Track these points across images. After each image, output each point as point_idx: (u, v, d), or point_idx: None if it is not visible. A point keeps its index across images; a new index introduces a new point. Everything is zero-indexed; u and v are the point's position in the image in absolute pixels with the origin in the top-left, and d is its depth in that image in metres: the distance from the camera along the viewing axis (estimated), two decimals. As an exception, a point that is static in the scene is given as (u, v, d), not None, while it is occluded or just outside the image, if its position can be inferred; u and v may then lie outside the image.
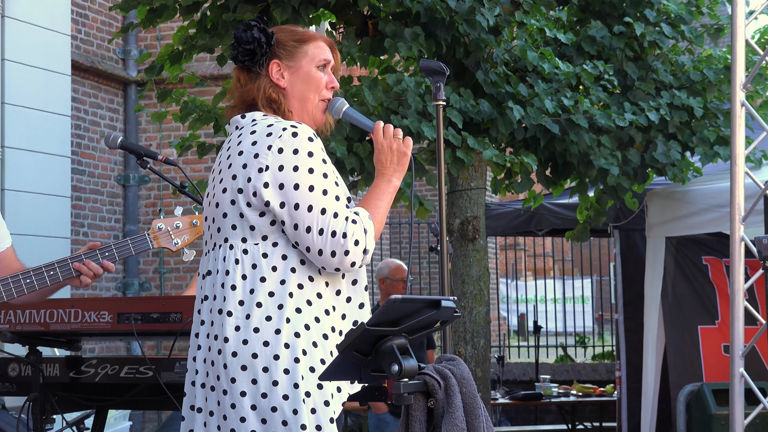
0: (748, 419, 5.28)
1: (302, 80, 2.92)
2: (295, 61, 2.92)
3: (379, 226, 2.79)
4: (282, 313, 2.69)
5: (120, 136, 3.99)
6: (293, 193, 2.70)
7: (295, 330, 2.69)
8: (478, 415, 2.52)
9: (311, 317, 2.72)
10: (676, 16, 7.02)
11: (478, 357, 6.81)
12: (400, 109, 6.15)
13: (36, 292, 3.28)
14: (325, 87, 2.95)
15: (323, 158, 2.76)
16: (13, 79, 7.11)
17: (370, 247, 2.74)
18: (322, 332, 2.72)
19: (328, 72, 2.97)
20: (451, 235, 6.81)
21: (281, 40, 2.94)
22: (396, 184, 2.88)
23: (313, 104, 2.94)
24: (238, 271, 2.74)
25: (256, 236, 2.75)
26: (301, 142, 2.74)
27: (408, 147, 2.89)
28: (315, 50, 2.95)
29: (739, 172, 5.25)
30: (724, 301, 7.74)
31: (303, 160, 2.72)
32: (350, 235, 2.69)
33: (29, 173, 7.23)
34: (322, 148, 2.79)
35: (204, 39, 6.62)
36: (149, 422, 10.53)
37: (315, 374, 2.68)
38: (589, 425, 10.24)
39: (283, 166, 2.71)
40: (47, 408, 3.88)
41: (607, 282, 16.62)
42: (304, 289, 2.73)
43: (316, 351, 2.70)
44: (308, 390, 2.68)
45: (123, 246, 3.32)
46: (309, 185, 2.71)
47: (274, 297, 2.71)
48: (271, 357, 2.67)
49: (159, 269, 10.75)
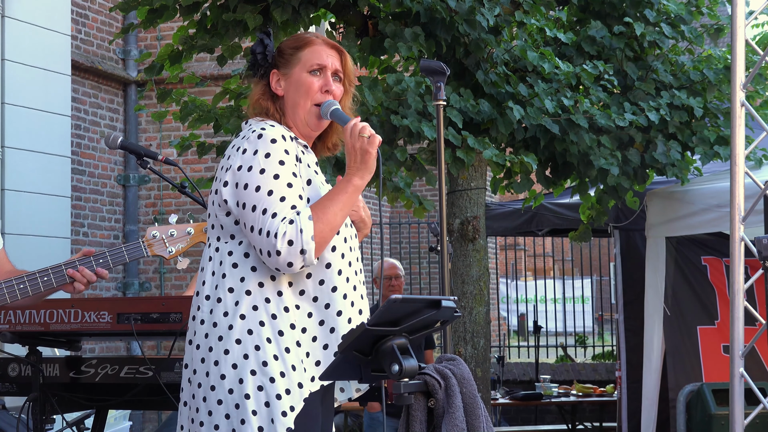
0: (748, 419, 5.28)
1: (293, 87, 2.95)
2: (289, 68, 2.96)
3: (324, 226, 2.75)
4: (237, 309, 2.76)
5: (120, 136, 3.99)
6: (243, 193, 2.77)
7: (248, 327, 2.75)
8: (478, 415, 2.52)
9: (268, 314, 2.76)
10: (676, 16, 7.02)
11: (478, 357, 6.81)
12: (400, 109, 6.15)
13: (29, 297, 3.29)
14: (319, 90, 2.94)
15: (281, 159, 2.78)
16: (13, 79, 7.11)
17: (308, 248, 2.72)
18: (278, 329, 2.75)
19: (326, 76, 2.96)
20: (451, 235, 6.81)
21: (282, 48, 3.00)
22: (358, 183, 2.84)
23: (304, 110, 2.94)
24: (208, 268, 2.85)
25: (226, 235, 2.85)
26: (263, 143, 2.79)
27: (372, 145, 2.83)
28: (309, 55, 2.96)
29: (739, 172, 5.24)
30: (723, 302, 7.74)
31: (258, 160, 2.77)
32: (281, 236, 2.70)
33: (29, 173, 7.23)
34: (287, 150, 2.80)
35: (204, 39, 6.61)
36: (149, 422, 10.53)
37: (267, 368, 2.72)
38: (589, 425, 10.24)
39: (241, 166, 2.79)
40: (47, 408, 3.89)
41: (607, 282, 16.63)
42: (265, 287, 2.77)
43: (269, 346, 2.73)
44: (260, 384, 2.72)
45: (117, 253, 3.32)
46: (256, 185, 2.75)
47: (233, 293, 2.78)
48: (222, 352, 2.75)
49: (159, 269, 10.75)
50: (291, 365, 2.74)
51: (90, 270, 3.25)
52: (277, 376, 2.72)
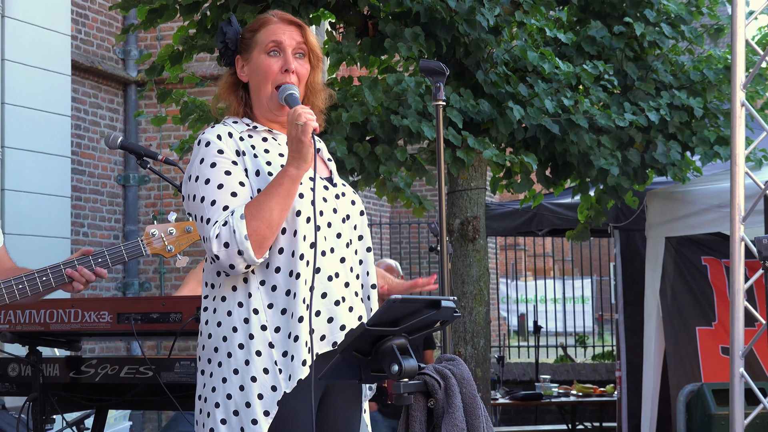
0: (748, 419, 5.28)
1: (254, 71, 2.83)
2: (249, 52, 2.84)
3: (260, 223, 2.63)
4: (215, 317, 2.75)
5: (120, 136, 3.99)
6: (190, 204, 2.78)
7: (223, 334, 2.73)
8: (478, 415, 2.52)
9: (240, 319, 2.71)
10: (676, 16, 7.02)
11: (478, 357, 6.81)
12: (400, 109, 6.15)
13: (28, 297, 3.29)
14: (279, 71, 2.80)
15: (213, 162, 2.73)
16: (13, 79, 7.11)
17: (243, 247, 2.64)
18: (249, 332, 2.70)
19: (285, 55, 2.80)
20: (451, 235, 6.81)
21: (243, 33, 2.88)
22: (293, 173, 2.66)
23: (266, 94, 2.81)
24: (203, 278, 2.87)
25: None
26: (200, 150, 2.77)
27: (305, 133, 2.63)
28: (264, 35, 2.82)
29: (739, 172, 5.25)
30: (721, 303, 7.74)
31: (195, 168, 2.76)
32: (215, 239, 2.65)
33: (29, 173, 7.22)
34: (221, 149, 2.73)
35: (204, 39, 6.62)
36: (149, 422, 10.53)
37: (238, 376, 2.68)
38: (589, 425, 10.24)
39: (190, 176, 2.78)
40: (47, 408, 3.88)
41: (607, 282, 16.62)
42: (237, 290, 2.73)
43: (241, 352, 2.70)
44: (230, 392, 2.70)
45: (116, 252, 3.31)
46: (193, 194, 2.75)
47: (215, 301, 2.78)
48: (206, 360, 2.77)
49: (159, 269, 10.75)
50: (263, 368, 2.68)
51: (89, 270, 3.24)
52: (248, 381, 2.68)
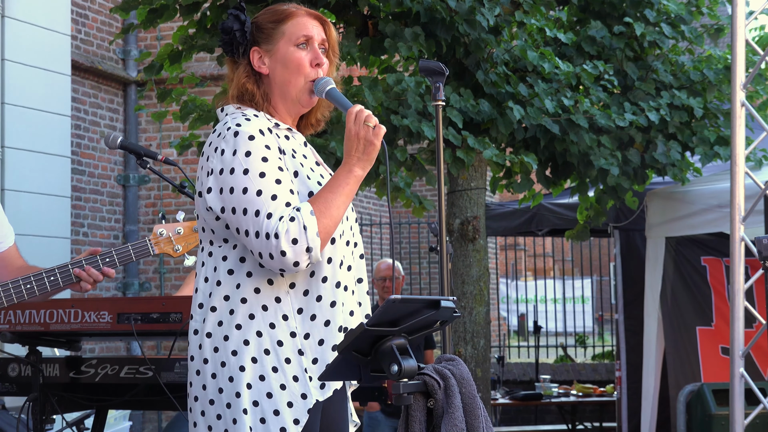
0: (748, 419, 5.28)
1: (281, 64, 2.74)
2: (272, 44, 2.75)
3: (329, 221, 2.58)
4: (233, 318, 2.61)
5: (120, 136, 3.99)
6: (229, 197, 2.59)
7: (244, 337, 2.60)
8: (477, 415, 2.51)
9: (266, 323, 2.61)
10: (676, 16, 7.02)
11: (478, 357, 6.81)
12: (400, 109, 6.15)
13: (36, 297, 3.30)
14: (309, 65, 2.74)
15: (263, 156, 2.61)
16: (13, 79, 7.10)
17: (314, 245, 2.54)
18: (277, 339, 2.60)
19: (314, 48, 2.76)
20: (451, 235, 6.82)
21: (259, 23, 2.78)
22: (358, 174, 2.65)
23: (297, 87, 2.75)
24: (201, 274, 2.70)
25: (218, 239, 2.68)
26: (240, 142, 2.61)
27: (377, 136, 2.64)
28: (292, 28, 2.74)
29: (739, 172, 5.25)
30: (720, 303, 7.74)
31: (239, 161, 2.60)
32: (283, 235, 2.52)
33: (29, 173, 7.22)
34: (268, 145, 2.63)
35: (204, 39, 6.62)
36: (149, 422, 10.53)
37: (265, 383, 2.58)
38: (589, 425, 10.24)
39: (222, 169, 2.61)
40: (47, 408, 3.88)
41: (607, 282, 16.62)
42: (261, 293, 2.62)
43: (268, 358, 2.59)
44: (256, 399, 2.58)
45: (124, 251, 3.32)
46: (243, 188, 2.58)
47: (228, 301, 2.62)
48: (219, 364, 2.61)
49: (159, 269, 10.75)
50: (293, 376, 2.60)
51: (96, 269, 3.24)
52: (276, 389, 2.59)
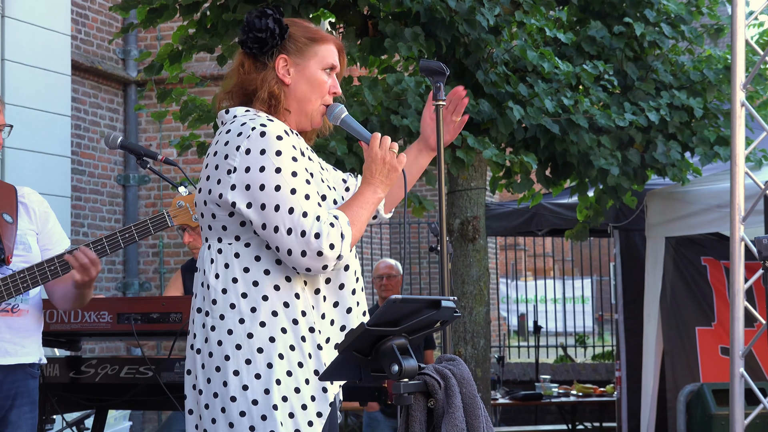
0: (748, 419, 5.28)
1: (307, 81, 2.85)
2: (303, 59, 2.85)
3: (357, 234, 2.71)
4: (255, 316, 2.67)
5: (120, 136, 3.99)
6: (259, 194, 2.65)
7: (270, 335, 2.66)
8: (477, 415, 2.52)
9: (288, 320, 2.68)
10: (676, 16, 7.02)
11: (478, 357, 6.81)
12: (400, 109, 6.15)
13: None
14: (328, 92, 2.88)
15: (293, 156, 2.69)
16: (13, 79, 7.10)
17: (345, 253, 2.66)
18: (300, 335, 2.68)
19: (333, 77, 2.89)
20: (451, 235, 6.81)
21: (294, 34, 2.86)
22: (380, 195, 2.79)
23: (313, 107, 2.86)
24: (212, 270, 2.72)
25: (230, 236, 2.72)
26: (269, 142, 2.67)
27: (401, 163, 2.80)
28: (325, 53, 2.87)
29: (739, 172, 5.25)
30: (721, 303, 7.74)
31: (270, 159, 2.66)
32: (325, 237, 2.62)
33: (29, 173, 7.22)
34: (294, 146, 2.72)
35: (204, 39, 6.62)
36: (149, 422, 10.53)
37: (292, 378, 2.66)
38: (589, 425, 10.24)
39: (249, 167, 2.66)
40: (47, 408, 3.89)
41: (607, 282, 16.61)
42: (281, 290, 2.68)
43: (293, 354, 2.67)
44: (285, 395, 2.65)
45: (142, 226, 3.35)
46: (275, 185, 2.65)
47: (247, 299, 2.68)
48: (243, 361, 2.66)
49: (159, 269, 10.75)
50: (314, 370, 2.68)
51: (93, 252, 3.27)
52: (302, 384, 2.67)
